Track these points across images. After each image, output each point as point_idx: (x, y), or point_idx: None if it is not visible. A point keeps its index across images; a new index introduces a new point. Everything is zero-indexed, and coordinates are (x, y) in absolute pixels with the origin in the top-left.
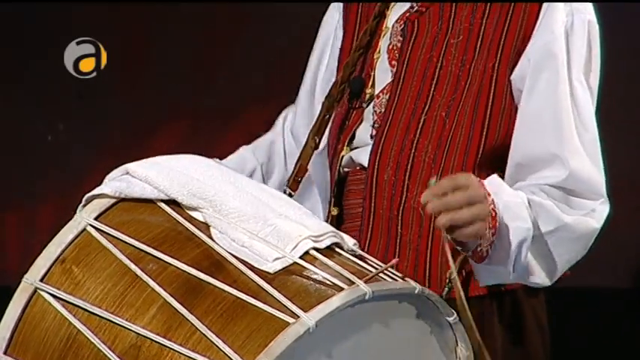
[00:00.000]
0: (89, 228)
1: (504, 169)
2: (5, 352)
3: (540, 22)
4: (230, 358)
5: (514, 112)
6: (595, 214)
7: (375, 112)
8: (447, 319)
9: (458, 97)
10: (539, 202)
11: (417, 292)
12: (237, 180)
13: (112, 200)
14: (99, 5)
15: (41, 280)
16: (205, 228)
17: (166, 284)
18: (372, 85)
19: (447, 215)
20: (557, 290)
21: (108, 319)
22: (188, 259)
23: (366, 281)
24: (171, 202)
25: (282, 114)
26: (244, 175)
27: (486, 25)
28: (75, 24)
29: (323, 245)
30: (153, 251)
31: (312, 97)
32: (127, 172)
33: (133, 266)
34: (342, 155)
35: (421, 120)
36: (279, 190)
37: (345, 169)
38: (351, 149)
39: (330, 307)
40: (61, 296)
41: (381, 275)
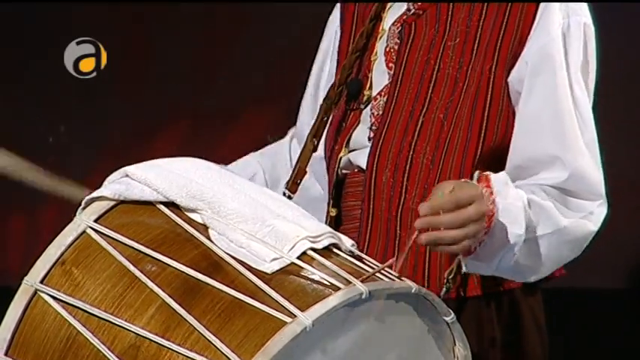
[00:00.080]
0: (89, 230)
1: (502, 170)
2: (6, 354)
3: (537, 24)
4: (227, 357)
5: (511, 114)
6: (593, 216)
7: (373, 114)
8: (445, 318)
9: (455, 99)
10: (539, 202)
11: (413, 291)
12: (236, 182)
13: (112, 203)
14: (99, 5)
15: (41, 282)
16: (204, 229)
17: (165, 285)
18: (370, 87)
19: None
20: (556, 290)
21: (107, 319)
22: (186, 260)
23: (363, 281)
24: (170, 204)
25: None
26: (243, 178)
27: (483, 28)
28: (75, 24)
29: (320, 246)
30: (152, 252)
31: (316, 99)
32: (126, 175)
33: (132, 267)
34: (340, 157)
35: (419, 122)
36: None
37: (344, 170)
38: (349, 151)
39: (327, 307)
40: (61, 297)
41: (378, 275)
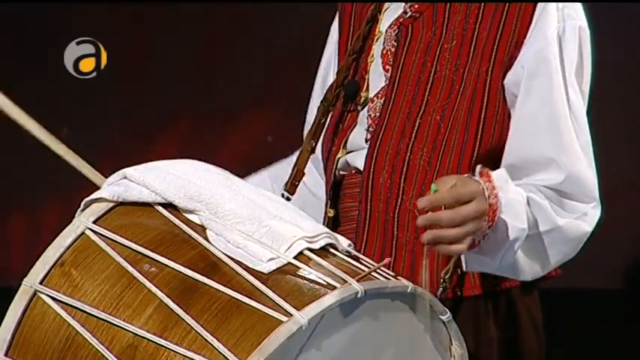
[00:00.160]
0: (88, 231)
1: None
2: (6, 354)
3: (533, 27)
4: (224, 356)
5: (507, 116)
6: (587, 217)
7: (370, 116)
8: (441, 317)
9: (452, 101)
10: (538, 201)
11: (409, 290)
12: (234, 183)
13: (110, 204)
14: (99, 5)
15: (40, 283)
16: (201, 230)
17: (163, 285)
18: (367, 89)
19: (432, 233)
20: (552, 291)
21: (105, 319)
22: (184, 260)
23: (359, 280)
24: (168, 206)
25: None
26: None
27: (479, 30)
28: (75, 24)
29: (317, 246)
30: (150, 253)
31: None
32: (125, 177)
33: (130, 268)
34: (338, 158)
35: (416, 124)
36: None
37: (341, 172)
38: (347, 153)
39: (323, 306)
40: (60, 298)
41: (374, 274)
